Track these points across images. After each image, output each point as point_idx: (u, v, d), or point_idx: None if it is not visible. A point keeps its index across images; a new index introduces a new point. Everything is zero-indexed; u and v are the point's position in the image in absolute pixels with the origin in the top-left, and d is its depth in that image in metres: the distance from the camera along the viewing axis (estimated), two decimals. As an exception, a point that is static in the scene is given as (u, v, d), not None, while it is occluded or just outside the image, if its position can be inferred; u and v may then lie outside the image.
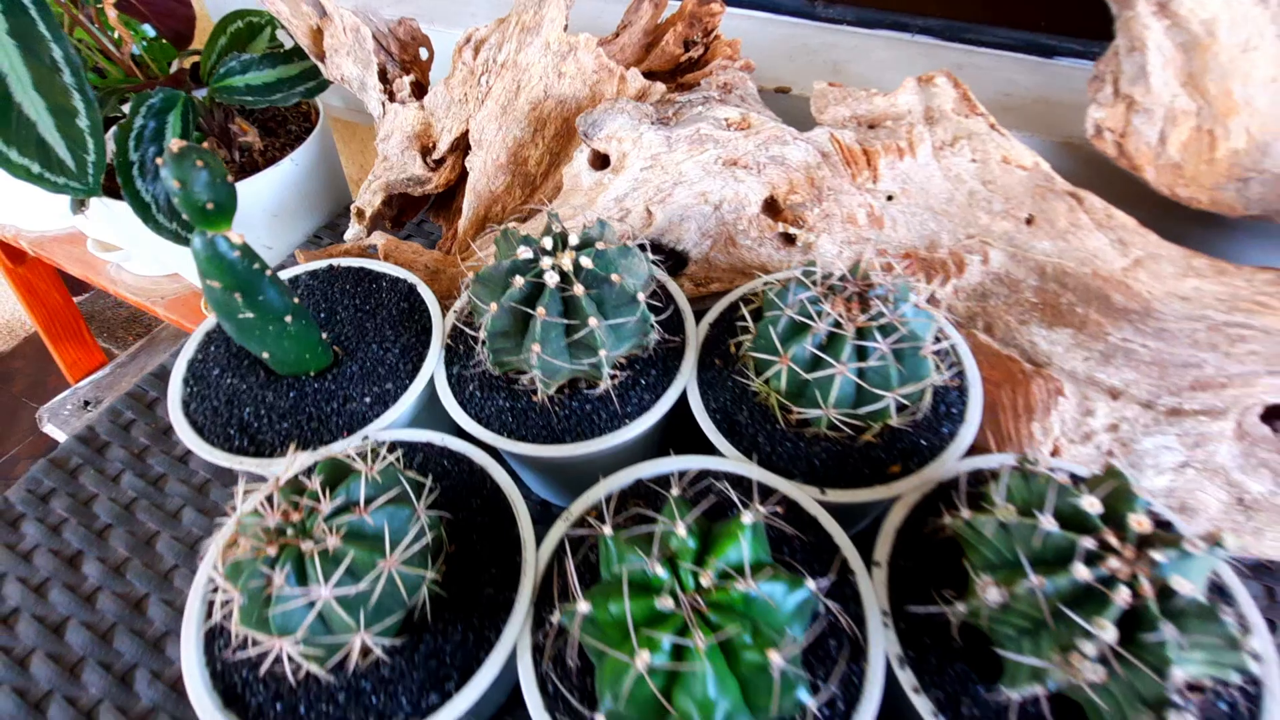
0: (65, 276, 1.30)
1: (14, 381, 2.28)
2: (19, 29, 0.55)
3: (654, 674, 0.25)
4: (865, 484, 0.37)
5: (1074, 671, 0.26)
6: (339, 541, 0.29)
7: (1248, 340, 0.39)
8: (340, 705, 0.31)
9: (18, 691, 0.45)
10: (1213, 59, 0.40)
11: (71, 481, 0.56)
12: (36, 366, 2.32)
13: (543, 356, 0.37)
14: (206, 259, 0.35)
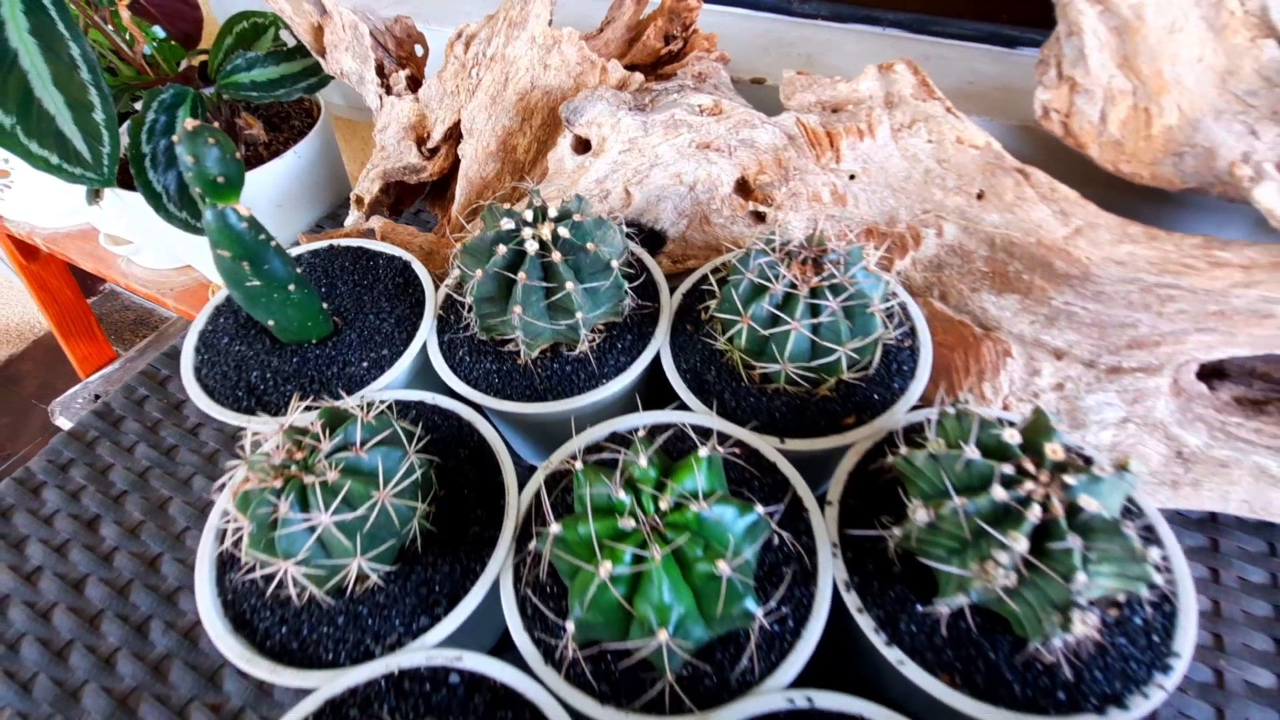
0: (76, 274, 1.34)
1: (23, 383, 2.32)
2: (39, 28, 0.58)
3: (616, 582, 0.29)
4: (821, 434, 0.40)
5: (990, 578, 0.29)
6: (337, 475, 0.32)
7: (1176, 300, 0.42)
8: (339, 627, 0.34)
9: (41, 641, 0.49)
10: (1143, 41, 0.43)
11: (89, 452, 0.59)
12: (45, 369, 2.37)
13: (524, 317, 0.40)
14: (217, 229, 0.39)
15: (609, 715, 0.31)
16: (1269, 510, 0.45)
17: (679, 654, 0.29)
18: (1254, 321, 0.40)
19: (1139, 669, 0.31)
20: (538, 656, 0.33)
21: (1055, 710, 0.31)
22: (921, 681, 0.31)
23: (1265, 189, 0.41)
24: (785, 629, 0.33)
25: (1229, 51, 0.42)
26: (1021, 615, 0.30)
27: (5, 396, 2.30)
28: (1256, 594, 0.47)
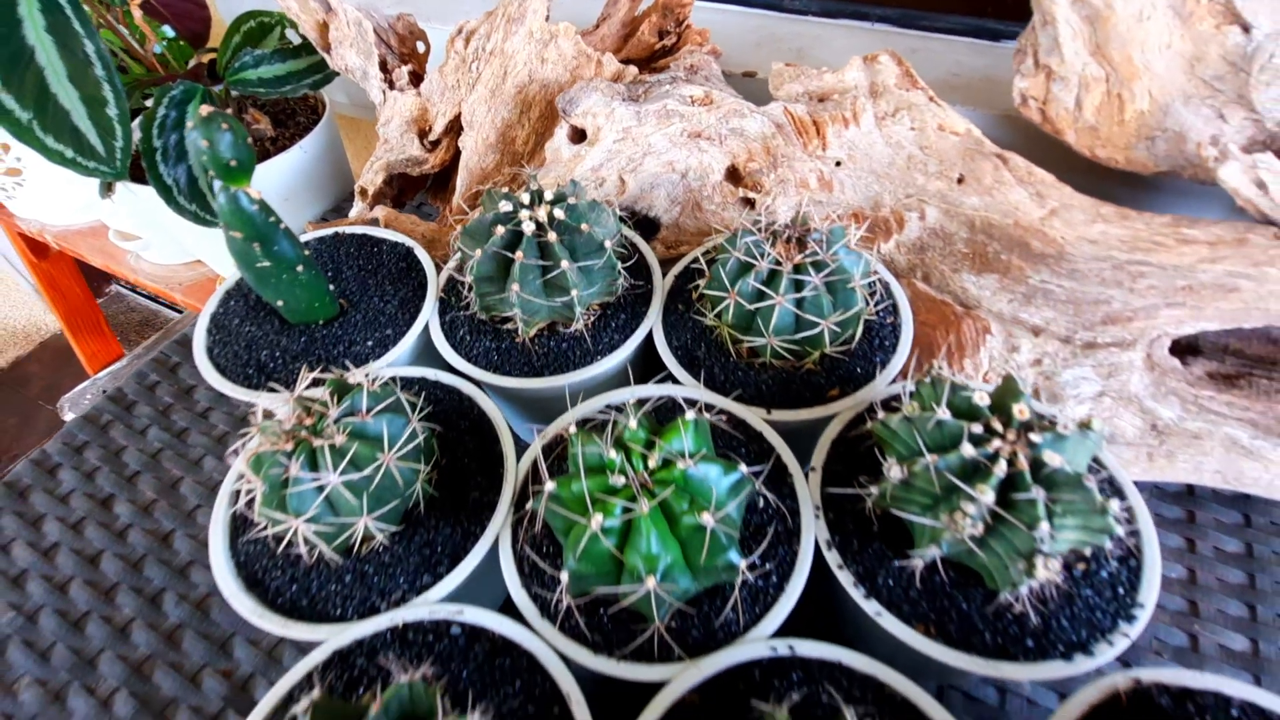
0: (85, 272, 1.36)
1: (30, 384, 2.35)
2: (55, 25, 0.61)
3: (607, 533, 0.31)
4: (806, 405, 0.42)
5: (958, 528, 0.31)
6: (344, 439, 0.34)
7: (1147, 275, 0.44)
8: (346, 584, 0.36)
9: (59, 613, 0.51)
10: (1113, 29, 0.45)
11: (103, 435, 0.61)
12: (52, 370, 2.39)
13: (522, 295, 0.42)
14: (229, 211, 0.41)
15: (601, 663, 0.33)
16: (1240, 480, 0.47)
17: (666, 600, 0.31)
18: (1220, 295, 0.42)
19: (1105, 619, 0.33)
20: (534, 610, 0.35)
21: (1024, 657, 0.32)
22: (898, 632, 0.33)
23: (1229, 168, 0.42)
24: (769, 584, 0.35)
25: (1195, 38, 0.44)
26: (991, 566, 0.32)
27: (12, 397, 2.32)
28: (1231, 563, 0.49)
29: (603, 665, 0.33)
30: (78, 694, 0.47)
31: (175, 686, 0.47)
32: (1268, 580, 0.48)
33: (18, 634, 0.50)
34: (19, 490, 0.58)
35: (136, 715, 0.45)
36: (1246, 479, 0.46)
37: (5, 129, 0.59)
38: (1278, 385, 0.48)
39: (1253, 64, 0.43)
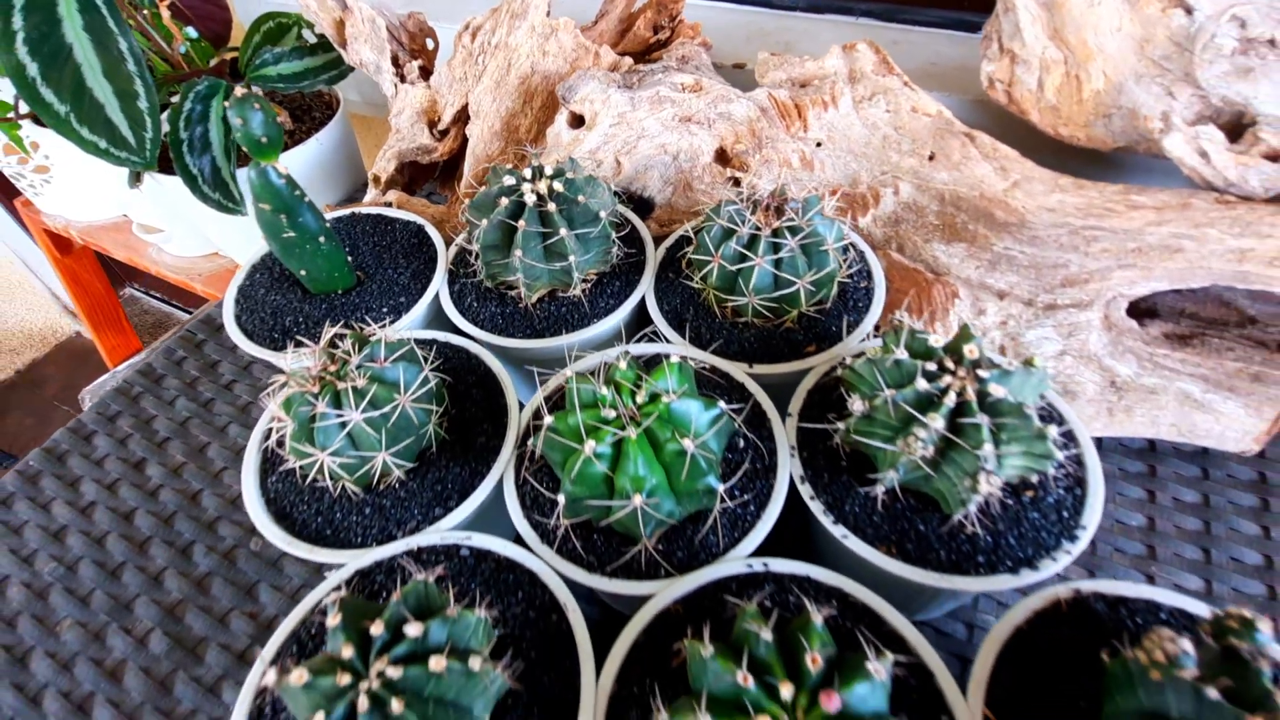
0: (106, 268, 1.41)
1: (47, 385, 2.40)
2: (92, 25, 0.65)
3: (599, 457, 0.34)
4: (785, 359, 0.46)
5: (912, 450, 0.34)
6: (365, 382, 0.38)
7: (1100, 239, 0.47)
8: (366, 516, 0.40)
9: (97, 563, 0.55)
10: (1068, 14, 0.48)
11: (134, 405, 0.65)
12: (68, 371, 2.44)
13: (524, 260, 0.46)
14: (259, 184, 0.45)
15: (594, 580, 0.37)
16: (1194, 432, 0.50)
17: (652, 516, 0.35)
18: (1166, 256, 0.46)
19: (1050, 539, 0.37)
20: (535, 536, 0.39)
21: (976, 572, 0.36)
22: (862, 552, 0.37)
23: (1173, 139, 0.46)
24: (747, 513, 0.39)
25: (1143, 21, 0.48)
26: (943, 489, 0.36)
27: (30, 398, 2.38)
28: (1188, 511, 0.52)
29: (595, 582, 0.37)
30: (115, 634, 0.51)
31: (205, 626, 0.50)
32: (1222, 527, 0.51)
33: (60, 581, 0.54)
34: (57, 455, 0.62)
35: (170, 651, 0.49)
36: (1199, 431, 0.50)
37: (45, 120, 0.64)
38: (1228, 344, 0.51)
39: (1196, 44, 0.47)
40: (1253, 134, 0.46)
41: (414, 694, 0.27)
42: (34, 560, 0.55)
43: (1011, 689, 0.32)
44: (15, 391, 2.40)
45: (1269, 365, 0.49)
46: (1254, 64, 0.47)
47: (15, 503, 0.59)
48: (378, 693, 0.27)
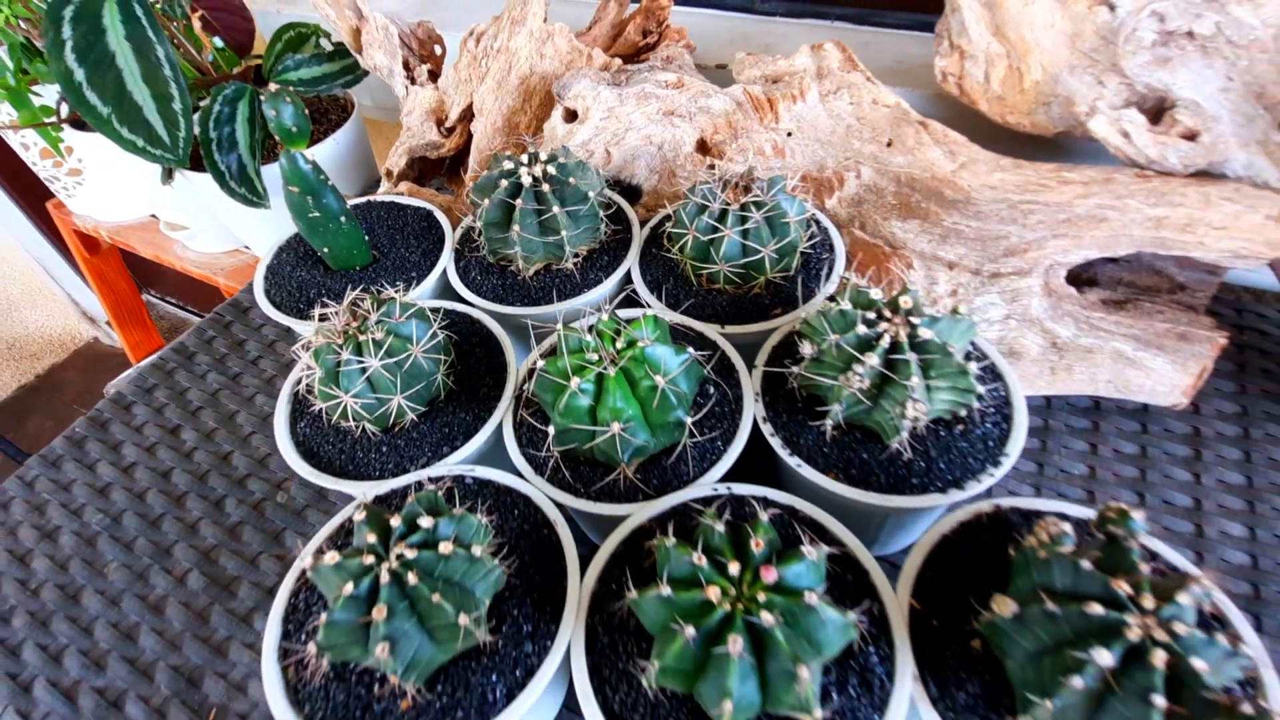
0: (132, 268, 1.48)
1: (66, 390, 2.48)
2: (133, 34, 0.72)
3: (584, 392, 0.40)
4: (753, 321, 0.51)
5: (850, 384, 0.40)
6: (382, 334, 0.44)
7: (1035, 212, 0.53)
8: (383, 454, 0.46)
9: (139, 515, 0.61)
10: (1006, 12, 0.54)
11: (169, 379, 0.72)
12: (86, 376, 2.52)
13: (522, 235, 0.52)
14: (289, 170, 0.51)
15: (580, 502, 0.42)
16: (1128, 388, 0.55)
17: (630, 442, 0.41)
18: (1093, 225, 0.51)
19: (976, 464, 0.42)
20: (529, 469, 0.44)
21: (910, 492, 0.41)
22: (814, 478, 0.42)
23: (1098, 121, 0.52)
24: (715, 447, 0.44)
25: (1073, 17, 0.53)
26: (881, 421, 0.41)
27: (49, 401, 2.46)
28: (1127, 462, 0.57)
29: (580, 504, 0.42)
30: (157, 574, 0.56)
31: (238, 567, 0.56)
32: (1156, 475, 0.56)
33: (105, 531, 0.60)
34: (100, 423, 0.68)
35: (207, 588, 0.55)
36: (1133, 386, 0.55)
37: (89, 121, 0.70)
38: (1159, 308, 0.56)
39: (1119, 37, 0.52)
40: (1171, 116, 0.52)
41: (426, 572, 0.33)
42: (82, 513, 0.61)
43: (935, 583, 0.37)
44: (36, 395, 2.48)
45: (1194, 325, 0.55)
46: (1173, 54, 0.53)
47: (64, 464, 0.65)
48: (396, 570, 0.33)
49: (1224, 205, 0.49)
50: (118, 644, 0.53)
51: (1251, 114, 0.53)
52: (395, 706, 0.34)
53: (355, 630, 0.32)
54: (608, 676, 0.35)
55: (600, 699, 0.35)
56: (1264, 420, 0.59)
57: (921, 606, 0.37)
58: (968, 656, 0.35)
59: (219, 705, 0.49)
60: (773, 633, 0.30)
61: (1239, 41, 0.53)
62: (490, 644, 0.36)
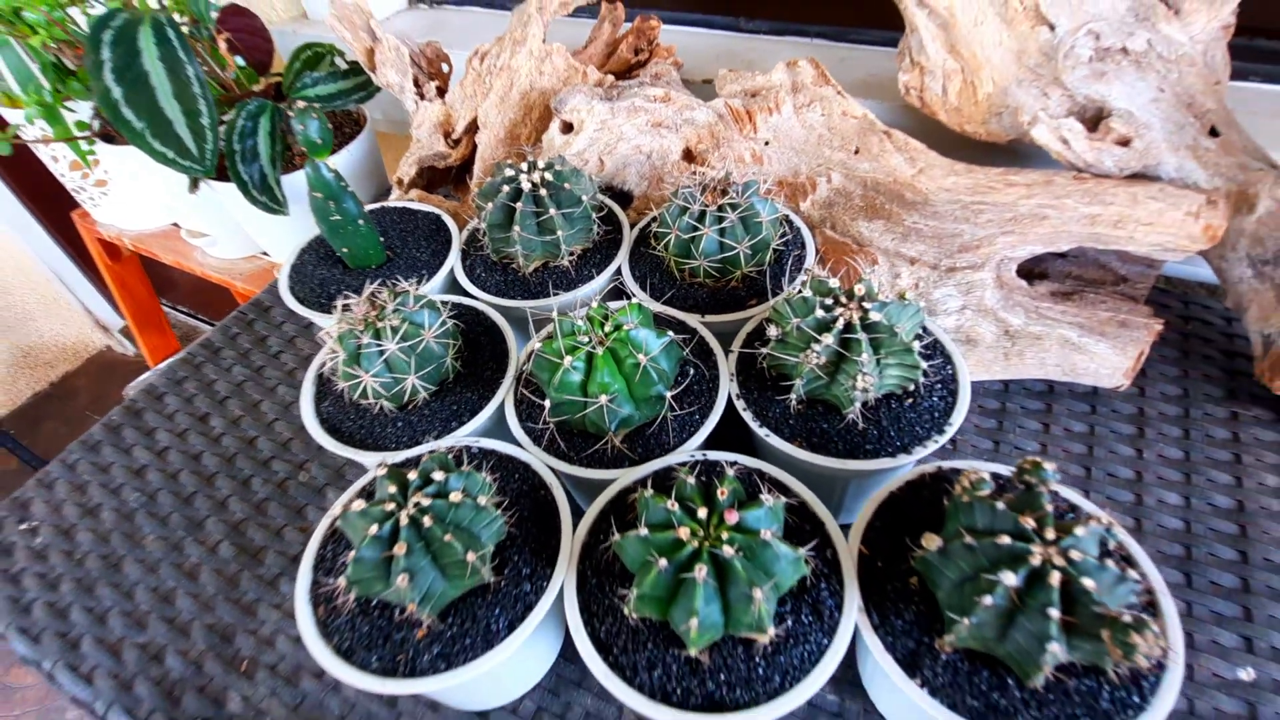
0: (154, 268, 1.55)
1: (79, 397, 2.54)
2: (166, 55, 0.78)
3: (575, 369, 0.46)
4: (731, 310, 0.57)
5: (809, 360, 0.45)
6: (398, 322, 0.50)
7: (985, 212, 0.58)
8: (398, 428, 0.52)
9: (173, 493, 0.66)
10: (958, 32, 0.60)
11: (197, 371, 0.78)
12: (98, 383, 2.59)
13: (522, 235, 0.58)
14: (314, 177, 0.57)
15: (574, 469, 0.48)
16: (1075, 371, 0.61)
17: (616, 413, 0.46)
18: (1036, 223, 0.57)
19: (923, 432, 0.47)
20: (528, 440, 0.50)
21: (864, 457, 0.47)
22: (780, 446, 0.48)
23: (1039, 129, 0.57)
24: (694, 419, 0.50)
25: (1018, 36, 0.59)
26: (838, 394, 0.47)
27: (63, 408, 2.52)
28: (1077, 439, 0.62)
29: (573, 470, 0.48)
30: (191, 544, 0.62)
31: (264, 538, 0.62)
32: (1103, 450, 0.61)
33: (143, 507, 0.65)
34: (134, 411, 0.74)
35: (236, 556, 0.61)
36: (1079, 369, 0.60)
37: (125, 135, 0.76)
38: (1102, 299, 0.62)
39: (1059, 54, 0.58)
40: (1107, 125, 0.58)
41: (438, 518, 0.38)
42: (120, 492, 0.67)
43: (882, 533, 0.43)
44: (50, 402, 2.55)
45: (1133, 314, 0.60)
46: (1109, 68, 0.59)
47: (102, 449, 0.71)
48: (414, 515, 0.38)
49: (1150, 203, 0.54)
50: (157, 606, 0.58)
51: (1181, 122, 0.59)
52: (412, 635, 0.40)
53: (379, 566, 0.38)
54: (595, 611, 0.41)
55: (589, 629, 0.40)
56: (1203, 401, 0.64)
57: (869, 552, 0.42)
58: (906, 591, 0.40)
59: (250, 657, 0.54)
60: (733, 563, 0.36)
61: (1169, 56, 0.59)
62: (494, 584, 0.42)
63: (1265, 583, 0.53)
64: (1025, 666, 0.35)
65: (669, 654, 0.38)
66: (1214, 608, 0.52)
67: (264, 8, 1.23)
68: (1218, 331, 0.69)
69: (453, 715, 0.50)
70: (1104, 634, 0.33)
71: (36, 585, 0.61)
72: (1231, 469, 0.59)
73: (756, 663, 0.37)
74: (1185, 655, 0.50)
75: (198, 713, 0.52)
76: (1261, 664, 0.49)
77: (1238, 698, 0.48)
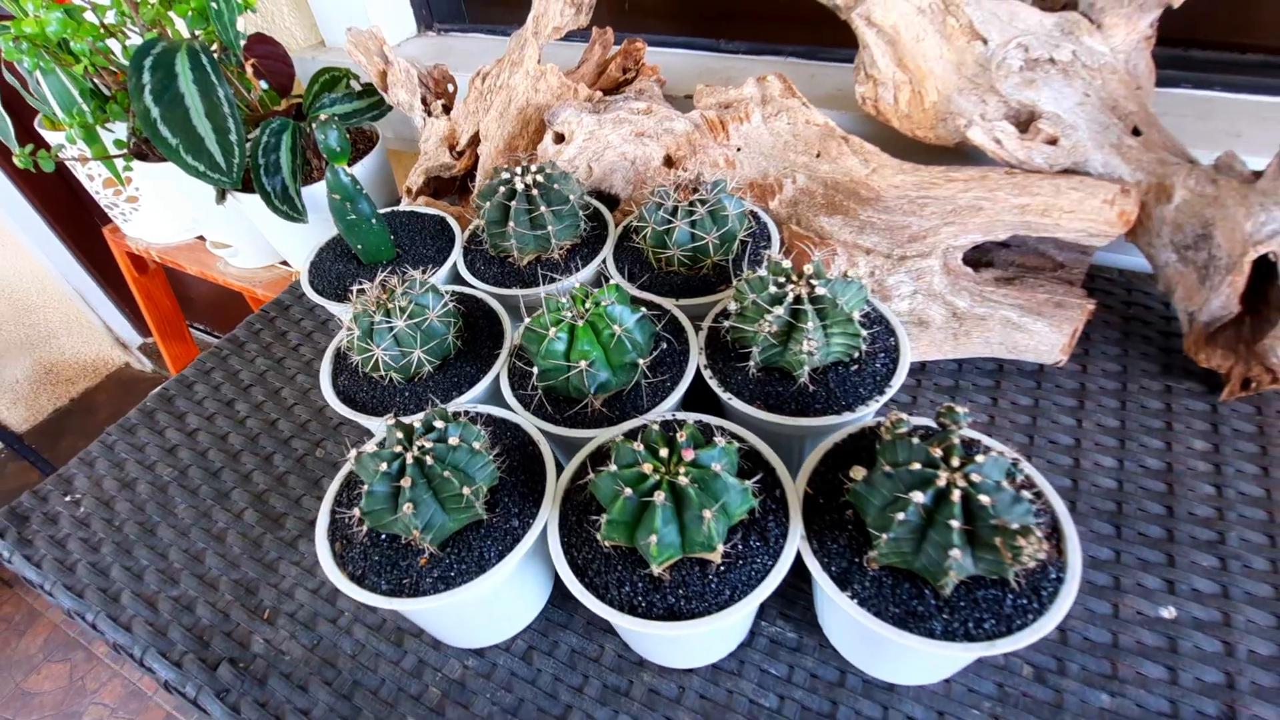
0: (174, 286, 1.63)
1: (99, 413, 2.64)
2: (199, 79, 0.87)
3: (559, 339, 0.52)
4: (703, 294, 0.64)
5: (763, 329, 0.52)
6: (406, 303, 0.57)
7: (929, 205, 0.65)
8: (406, 398, 0.58)
9: (202, 468, 0.73)
10: (904, 48, 0.67)
11: (223, 363, 0.85)
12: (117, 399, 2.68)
13: (516, 230, 0.65)
14: (333, 180, 0.64)
15: (558, 429, 0.54)
16: (1017, 348, 0.67)
17: (595, 377, 0.53)
18: (973, 214, 0.63)
19: (866, 393, 0.54)
20: (519, 405, 0.56)
21: (814, 414, 0.53)
22: (742, 407, 0.54)
23: (974, 131, 0.64)
24: (666, 386, 0.56)
25: (956, 49, 0.67)
26: (790, 360, 0.53)
27: (83, 423, 2.61)
28: (1023, 412, 0.68)
29: (557, 430, 0.54)
30: (219, 512, 0.69)
31: (285, 505, 0.68)
32: (1045, 421, 0.67)
33: (175, 480, 0.72)
34: (167, 398, 0.81)
35: (260, 521, 0.67)
36: (1020, 346, 0.67)
37: (162, 151, 0.85)
38: (1040, 282, 0.68)
39: (992, 64, 0.65)
40: (1036, 126, 0.64)
41: (439, 459, 0.45)
42: (155, 468, 0.74)
43: (826, 476, 0.49)
44: (71, 417, 2.64)
45: (1069, 295, 0.66)
46: (1038, 76, 0.66)
47: (138, 430, 0.78)
48: (418, 456, 0.45)
49: (1071, 193, 0.61)
50: (188, 564, 0.65)
51: (1106, 123, 0.66)
52: (416, 562, 0.46)
53: (388, 499, 0.44)
54: (574, 543, 0.47)
55: (569, 558, 0.46)
56: (1140, 376, 0.70)
57: (814, 492, 0.48)
58: (842, 521, 0.46)
59: (272, 608, 0.61)
60: (687, 490, 0.42)
61: (1093, 65, 0.66)
62: (488, 521, 0.48)
63: (1188, 533, 0.59)
64: (936, 576, 0.41)
65: (636, 575, 0.45)
66: (1140, 555, 0.58)
67: (286, 36, 1.33)
68: (1156, 315, 0.75)
69: (453, 653, 0.56)
70: (997, 540, 0.39)
71: (80, 548, 0.67)
72: (1163, 435, 0.65)
73: (710, 579, 0.44)
74: (1111, 596, 0.55)
75: (225, 653, 0.58)
76: (1182, 603, 0.55)
77: (1159, 633, 0.53)
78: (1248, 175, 0.62)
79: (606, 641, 0.55)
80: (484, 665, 0.55)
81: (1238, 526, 0.58)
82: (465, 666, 0.55)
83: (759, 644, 0.54)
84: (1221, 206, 0.60)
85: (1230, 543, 0.57)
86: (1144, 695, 0.50)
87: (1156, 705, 0.50)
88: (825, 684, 0.52)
